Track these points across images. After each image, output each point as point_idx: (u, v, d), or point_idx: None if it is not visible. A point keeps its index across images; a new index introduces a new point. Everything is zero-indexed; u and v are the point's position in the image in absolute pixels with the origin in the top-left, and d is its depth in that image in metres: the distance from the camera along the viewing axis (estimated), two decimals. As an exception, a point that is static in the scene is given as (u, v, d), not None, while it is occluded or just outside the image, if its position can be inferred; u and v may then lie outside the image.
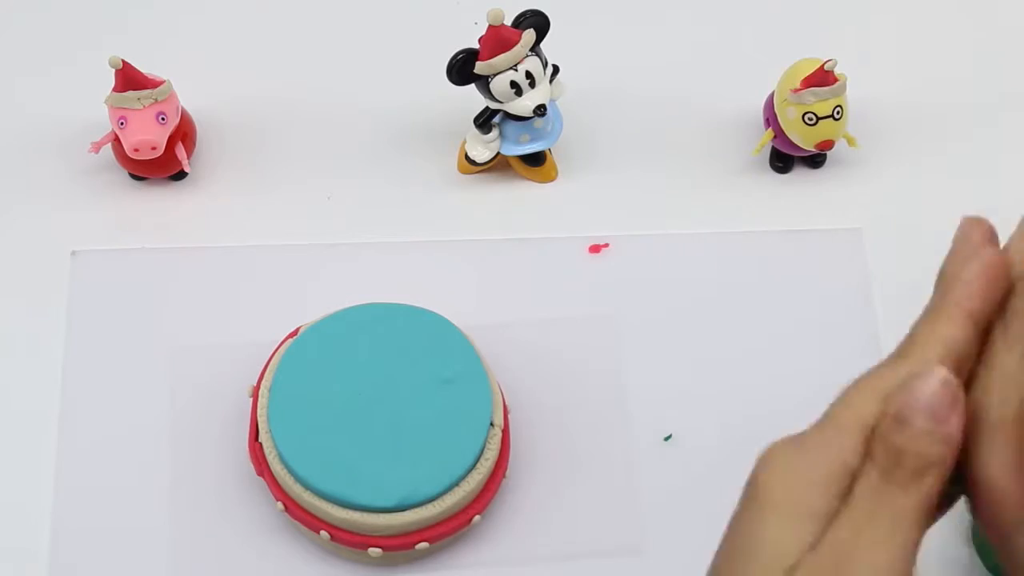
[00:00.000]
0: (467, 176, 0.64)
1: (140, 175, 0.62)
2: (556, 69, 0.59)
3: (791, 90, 0.60)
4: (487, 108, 0.60)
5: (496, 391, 0.54)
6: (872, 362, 0.41)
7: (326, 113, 0.65)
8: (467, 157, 0.62)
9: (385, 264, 0.61)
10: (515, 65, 0.57)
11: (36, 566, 0.53)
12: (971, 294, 0.35)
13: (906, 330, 0.36)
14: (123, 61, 0.57)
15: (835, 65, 0.59)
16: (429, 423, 0.52)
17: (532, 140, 0.61)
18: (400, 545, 0.52)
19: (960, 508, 0.36)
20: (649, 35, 0.68)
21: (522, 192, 0.64)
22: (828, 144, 0.61)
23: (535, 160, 0.63)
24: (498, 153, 0.62)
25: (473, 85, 0.58)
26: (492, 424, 0.53)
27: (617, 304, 0.60)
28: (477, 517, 0.53)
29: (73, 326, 0.58)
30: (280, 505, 0.53)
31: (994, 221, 0.67)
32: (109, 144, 0.61)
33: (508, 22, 0.57)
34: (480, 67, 0.57)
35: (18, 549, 0.54)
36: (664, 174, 0.64)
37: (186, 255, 0.61)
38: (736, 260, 0.62)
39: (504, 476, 0.55)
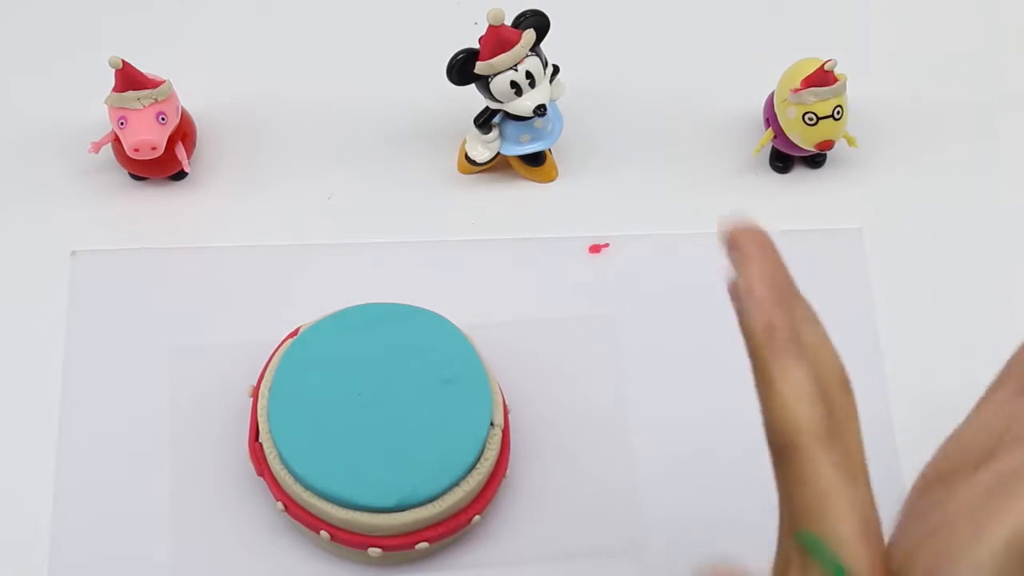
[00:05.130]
0: (467, 176, 0.64)
1: (140, 175, 0.62)
2: (556, 69, 0.59)
3: (791, 90, 0.60)
4: (487, 108, 0.60)
5: (496, 391, 0.54)
6: (871, 362, 0.41)
7: (326, 113, 0.65)
8: (467, 157, 0.62)
9: (385, 264, 0.61)
10: (515, 65, 0.57)
11: (36, 566, 0.53)
12: None
13: (906, 329, 0.36)
14: (123, 61, 0.57)
15: (835, 65, 0.59)
16: (429, 423, 0.52)
17: (532, 140, 0.61)
18: (400, 545, 0.52)
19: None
20: (649, 35, 0.68)
21: (522, 192, 0.64)
22: (828, 144, 0.61)
23: (535, 160, 0.63)
24: (498, 153, 0.62)
25: (473, 85, 0.58)
26: (492, 424, 0.53)
27: (617, 304, 0.60)
28: (477, 517, 0.53)
29: (73, 326, 0.58)
30: (280, 505, 0.53)
31: (994, 221, 0.67)
32: (109, 144, 0.61)
33: (508, 22, 0.57)
34: (480, 67, 0.57)
35: (18, 549, 0.54)
36: (664, 174, 0.64)
37: (186, 255, 0.61)
38: (736, 260, 0.62)
39: (504, 476, 0.55)
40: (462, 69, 0.57)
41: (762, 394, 0.36)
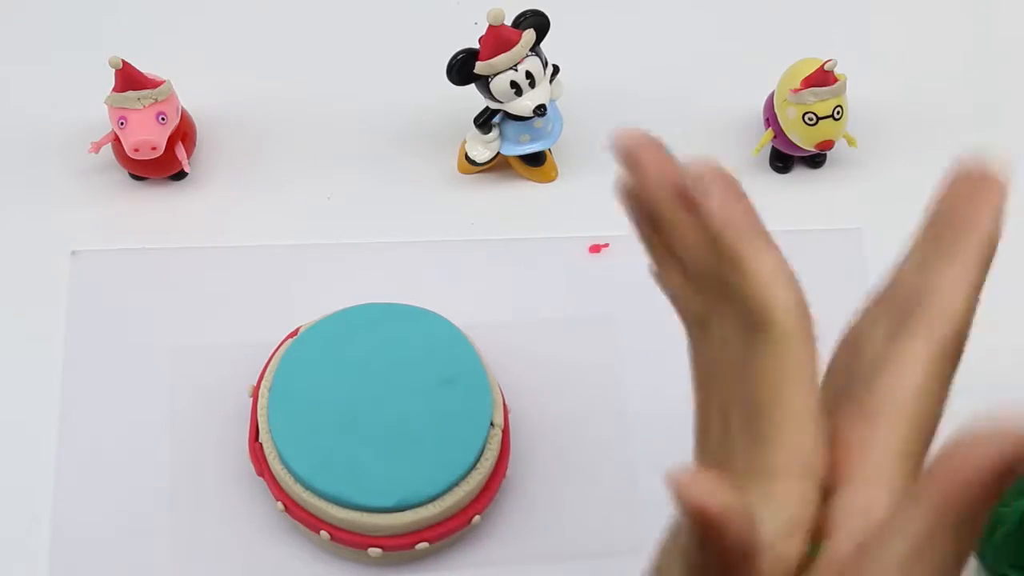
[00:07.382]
0: (467, 176, 0.64)
1: (140, 175, 0.62)
2: (556, 69, 0.59)
3: (791, 90, 0.60)
4: (487, 108, 0.60)
5: (496, 391, 0.54)
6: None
7: (326, 113, 0.65)
8: (467, 157, 0.62)
9: (385, 264, 0.61)
10: (515, 65, 0.57)
11: (36, 566, 0.53)
12: None
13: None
14: (123, 61, 0.57)
15: (835, 65, 0.59)
16: (429, 423, 0.52)
17: (532, 140, 0.61)
18: (400, 545, 0.52)
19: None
20: (649, 35, 0.68)
21: (522, 192, 0.64)
22: (828, 144, 0.61)
23: (535, 160, 0.63)
24: (498, 153, 0.62)
25: (473, 85, 0.58)
26: (492, 424, 0.53)
27: (617, 304, 0.60)
28: (477, 517, 0.53)
29: (73, 326, 0.58)
30: (280, 505, 0.53)
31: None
32: (109, 144, 0.61)
33: (508, 22, 0.57)
34: (480, 67, 0.57)
35: (19, 549, 0.54)
36: (664, 174, 0.64)
37: (186, 255, 0.61)
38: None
39: (504, 476, 0.55)
40: (462, 69, 0.57)
41: (733, 276, 0.34)
